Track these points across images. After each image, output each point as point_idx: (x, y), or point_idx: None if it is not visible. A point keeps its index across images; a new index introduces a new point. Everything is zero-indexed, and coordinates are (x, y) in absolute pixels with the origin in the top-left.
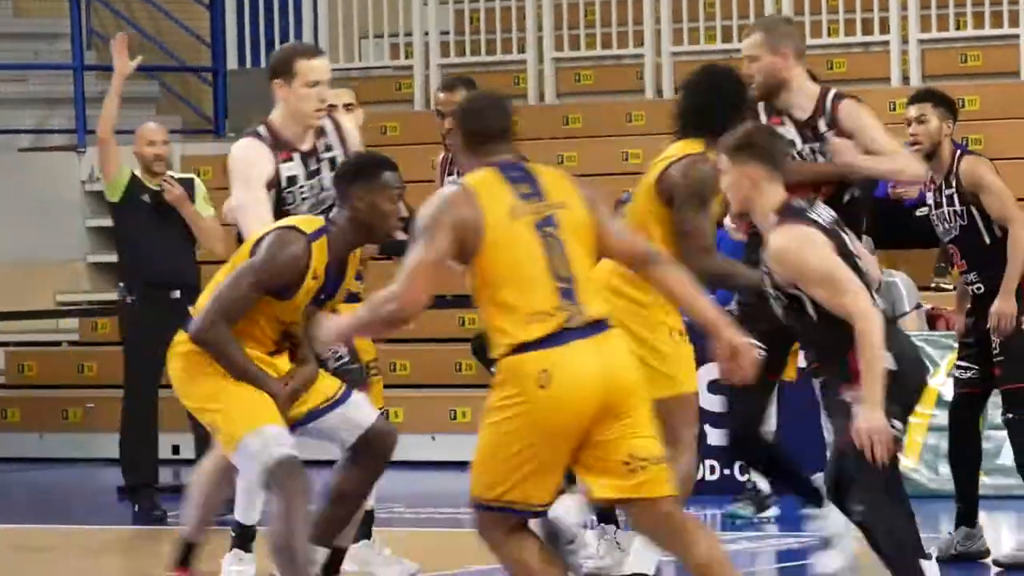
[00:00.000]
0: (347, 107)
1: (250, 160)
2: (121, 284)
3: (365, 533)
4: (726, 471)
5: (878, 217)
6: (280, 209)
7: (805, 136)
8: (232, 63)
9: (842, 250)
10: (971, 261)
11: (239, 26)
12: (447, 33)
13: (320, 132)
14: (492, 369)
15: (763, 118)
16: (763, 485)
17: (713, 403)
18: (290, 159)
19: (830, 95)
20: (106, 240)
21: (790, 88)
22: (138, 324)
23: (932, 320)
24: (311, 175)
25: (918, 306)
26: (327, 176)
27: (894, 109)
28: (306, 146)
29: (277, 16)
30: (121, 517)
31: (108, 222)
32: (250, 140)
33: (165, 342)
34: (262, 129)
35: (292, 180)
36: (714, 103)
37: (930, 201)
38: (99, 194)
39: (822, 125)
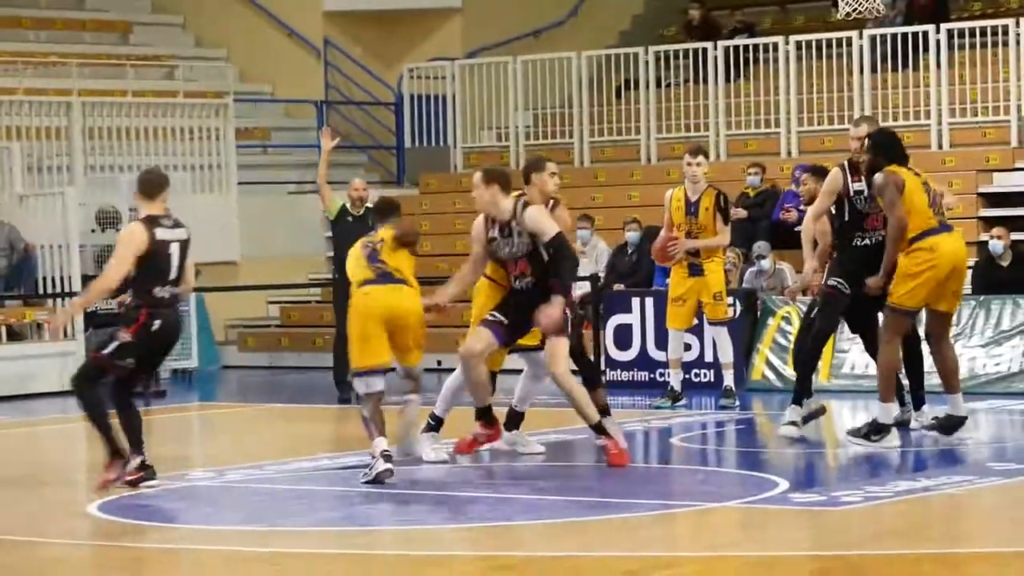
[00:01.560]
0: (551, 174)
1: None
2: (334, 267)
3: None
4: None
5: (775, 231)
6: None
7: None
8: (408, 143)
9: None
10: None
11: (411, 122)
12: (528, 126)
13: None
14: None
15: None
16: (676, 384)
17: None
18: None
19: None
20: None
21: None
22: (340, 291)
23: (804, 290)
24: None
25: (795, 282)
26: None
27: None
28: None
29: (432, 117)
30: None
31: None
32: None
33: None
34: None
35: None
36: None
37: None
38: None
39: None
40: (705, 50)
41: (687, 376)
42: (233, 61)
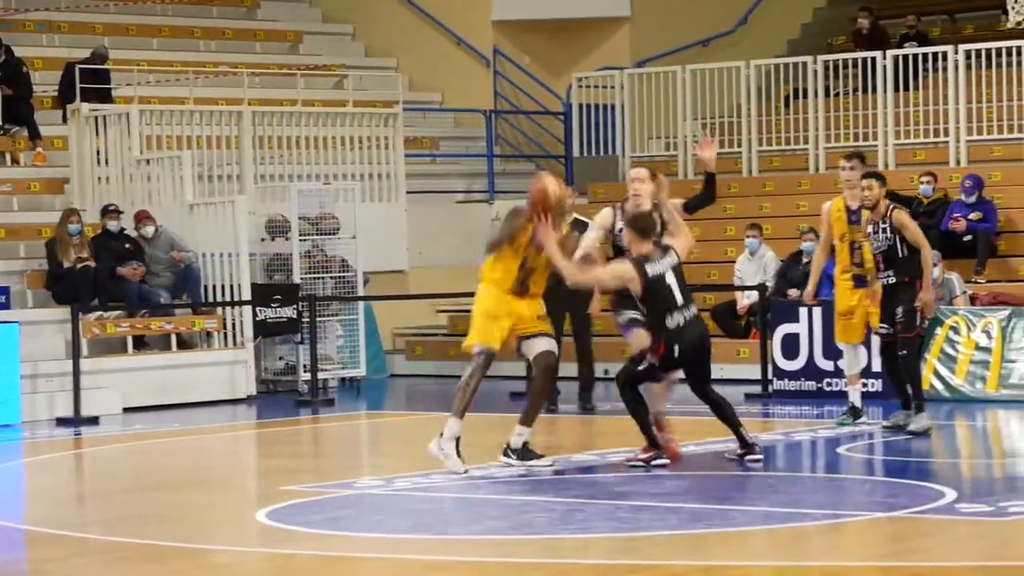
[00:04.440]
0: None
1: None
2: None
3: None
4: None
5: (944, 240)
6: None
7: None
8: (576, 152)
9: None
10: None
11: (580, 131)
12: (697, 135)
13: None
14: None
15: None
16: (856, 400)
17: None
18: None
19: None
20: None
21: None
22: (554, 303)
23: (972, 299)
24: None
25: (964, 292)
26: None
27: None
28: None
29: (601, 126)
30: (514, 408)
31: None
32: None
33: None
34: None
35: None
36: None
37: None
38: None
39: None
40: (874, 59)
41: None
42: (402, 70)
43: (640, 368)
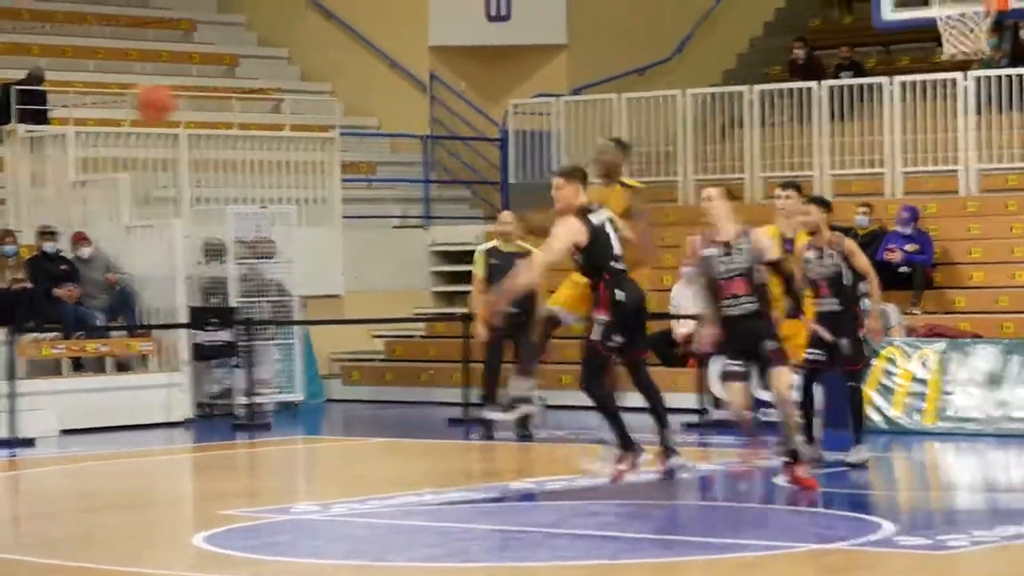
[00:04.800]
0: None
1: None
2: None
3: None
4: None
5: (879, 271)
6: None
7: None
8: (512, 179)
9: None
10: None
11: (516, 157)
12: (633, 164)
13: None
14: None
15: None
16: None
17: None
18: None
19: None
20: (439, 278)
21: None
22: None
23: (909, 331)
24: None
25: (900, 323)
26: None
27: None
28: None
29: (537, 153)
30: (451, 435)
31: (442, 267)
32: None
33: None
34: None
35: None
36: None
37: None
38: (438, 254)
39: None
40: (810, 89)
41: None
42: (339, 95)
43: (593, 337)
